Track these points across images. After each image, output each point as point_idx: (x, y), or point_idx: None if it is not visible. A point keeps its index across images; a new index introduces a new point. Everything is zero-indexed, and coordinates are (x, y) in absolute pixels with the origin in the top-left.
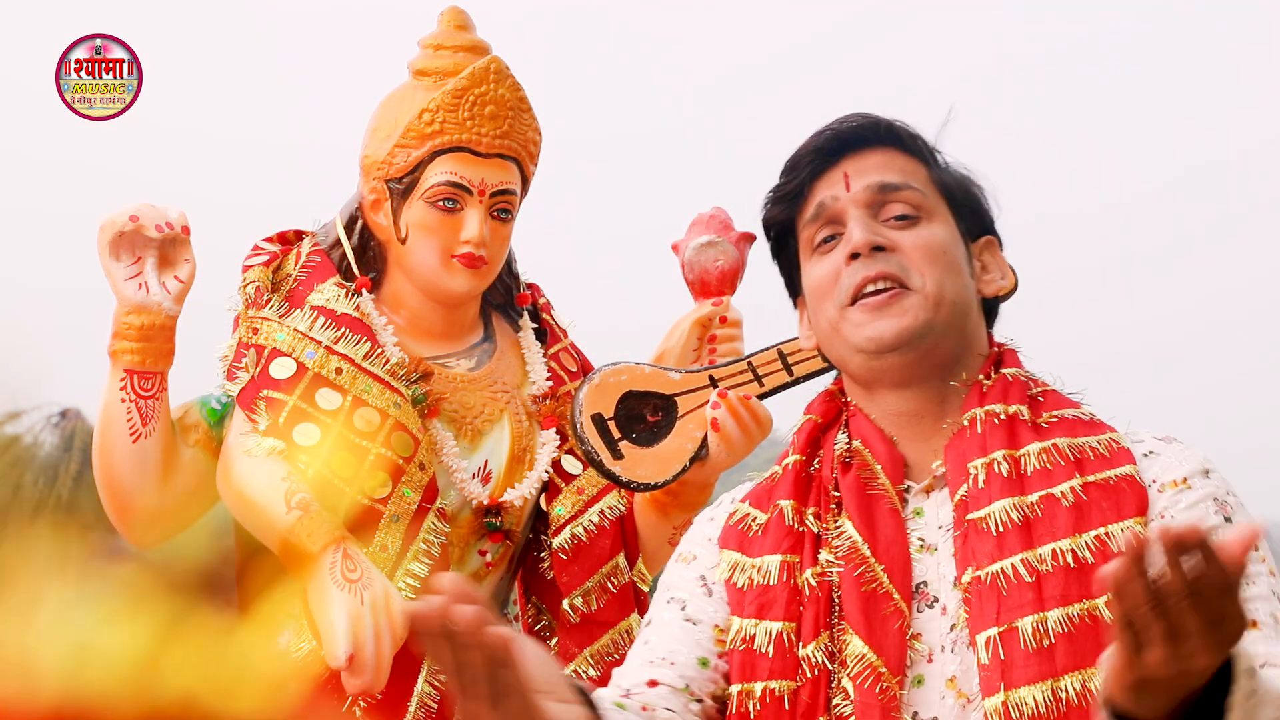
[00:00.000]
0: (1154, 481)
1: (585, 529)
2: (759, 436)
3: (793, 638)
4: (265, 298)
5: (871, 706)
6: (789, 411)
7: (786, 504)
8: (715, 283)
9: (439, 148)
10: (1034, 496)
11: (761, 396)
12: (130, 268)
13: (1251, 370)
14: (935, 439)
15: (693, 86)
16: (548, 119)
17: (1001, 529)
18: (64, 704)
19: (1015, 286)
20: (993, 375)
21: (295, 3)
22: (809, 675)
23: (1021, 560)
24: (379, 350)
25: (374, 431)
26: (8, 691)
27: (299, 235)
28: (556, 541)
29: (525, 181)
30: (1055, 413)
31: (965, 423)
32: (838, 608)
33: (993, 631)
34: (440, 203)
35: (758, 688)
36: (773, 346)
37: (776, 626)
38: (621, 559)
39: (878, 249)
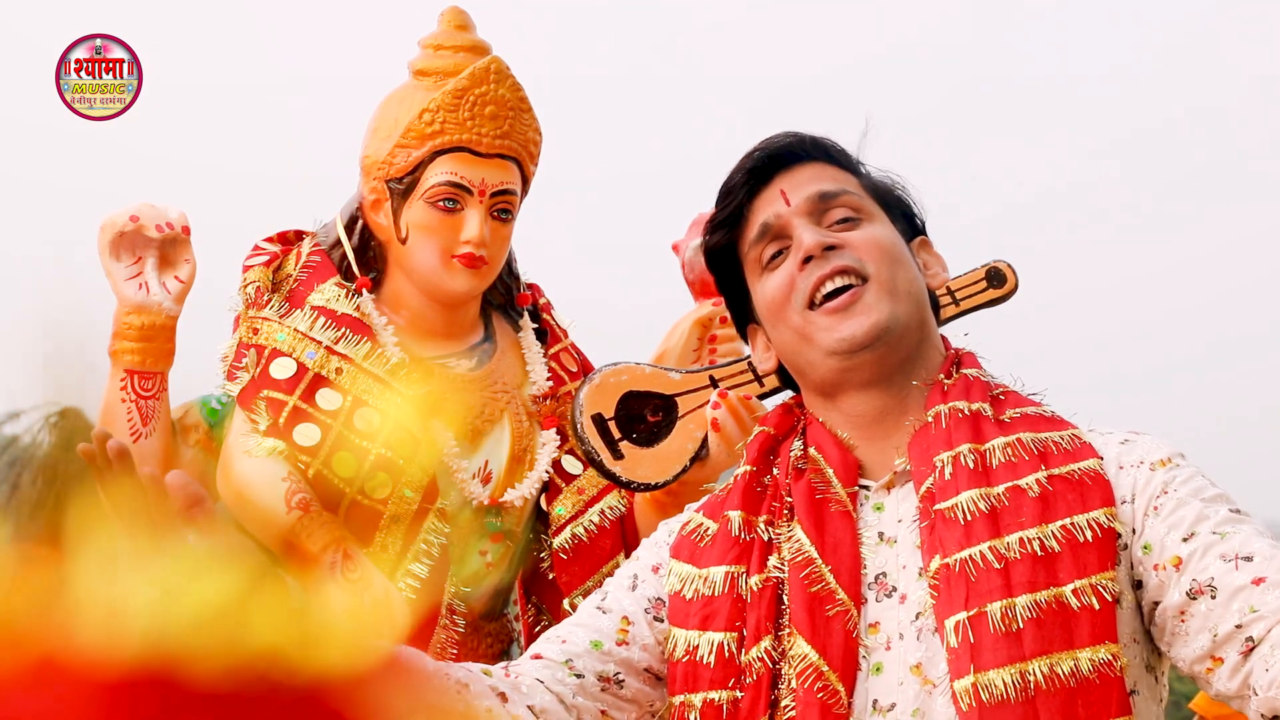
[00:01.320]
0: (1141, 462)
1: (586, 529)
2: None
3: (734, 648)
4: (265, 298)
5: (811, 705)
6: None
7: (735, 515)
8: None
9: (439, 148)
10: (1000, 488)
11: (762, 396)
12: (130, 268)
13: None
14: (897, 436)
15: (670, 33)
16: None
17: (969, 518)
18: (148, 656)
19: (1016, 286)
20: (953, 374)
21: (296, 3)
22: (750, 680)
23: (989, 548)
24: (379, 350)
25: (374, 431)
26: (92, 642)
27: (299, 235)
28: (557, 541)
29: (525, 181)
30: (1017, 410)
31: (930, 418)
32: (787, 611)
33: (961, 616)
34: (440, 203)
35: (698, 699)
36: None
37: (719, 637)
38: (622, 559)
39: (829, 248)
